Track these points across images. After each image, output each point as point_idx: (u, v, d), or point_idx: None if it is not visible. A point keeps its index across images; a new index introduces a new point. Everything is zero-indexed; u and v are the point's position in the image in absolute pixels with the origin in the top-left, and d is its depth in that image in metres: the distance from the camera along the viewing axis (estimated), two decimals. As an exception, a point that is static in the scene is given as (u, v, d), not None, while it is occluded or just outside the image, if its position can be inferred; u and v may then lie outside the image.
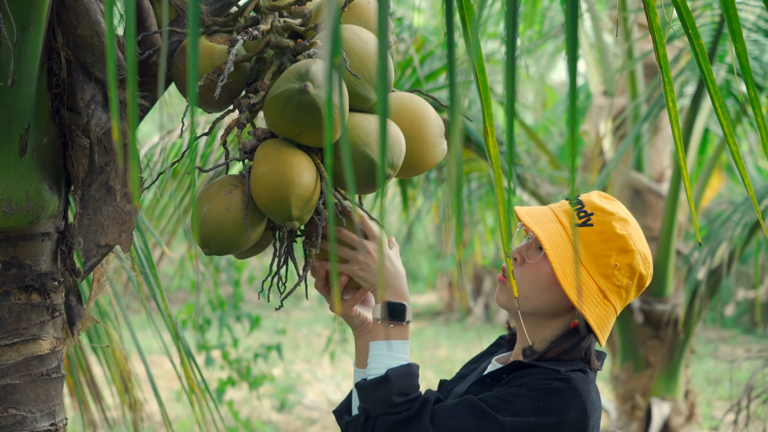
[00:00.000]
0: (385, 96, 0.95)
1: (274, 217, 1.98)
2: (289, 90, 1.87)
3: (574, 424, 2.06)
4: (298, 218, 1.96)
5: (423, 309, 15.93)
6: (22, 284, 2.00)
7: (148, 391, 6.37)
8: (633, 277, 2.14)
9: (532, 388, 2.07)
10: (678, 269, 6.36)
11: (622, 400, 6.44)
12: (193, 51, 0.96)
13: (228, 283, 7.85)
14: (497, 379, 2.20)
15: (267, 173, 1.94)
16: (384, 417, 2.04)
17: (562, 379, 2.08)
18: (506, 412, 2.03)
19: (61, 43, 1.92)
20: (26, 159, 1.92)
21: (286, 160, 1.94)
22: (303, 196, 1.94)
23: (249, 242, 2.03)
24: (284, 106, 1.88)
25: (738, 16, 1.37)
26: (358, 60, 1.96)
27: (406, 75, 4.95)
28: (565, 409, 2.05)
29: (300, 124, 1.90)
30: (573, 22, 0.95)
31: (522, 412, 2.03)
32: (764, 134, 1.41)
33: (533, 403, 2.04)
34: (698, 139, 6.38)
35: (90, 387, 3.87)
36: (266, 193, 1.95)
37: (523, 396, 2.06)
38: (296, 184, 1.93)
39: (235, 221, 1.98)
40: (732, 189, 11.87)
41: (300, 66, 1.88)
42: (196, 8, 0.97)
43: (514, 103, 0.97)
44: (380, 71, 0.96)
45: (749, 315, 13.33)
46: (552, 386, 2.07)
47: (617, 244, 2.12)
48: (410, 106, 2.12)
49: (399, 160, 2.01)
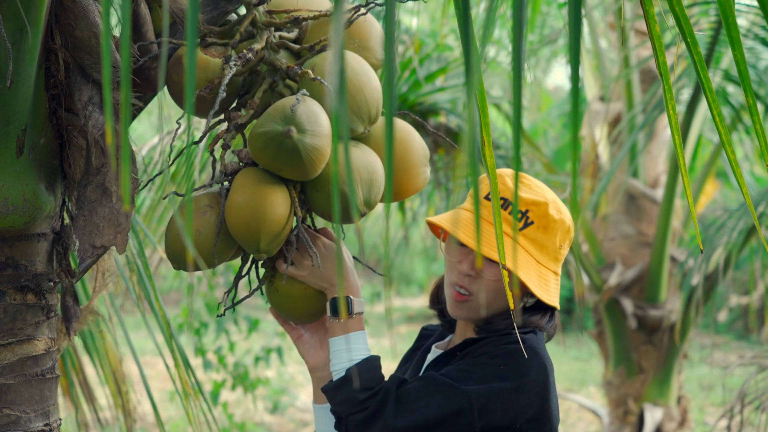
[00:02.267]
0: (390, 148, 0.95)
1: (243, 246, 2.05)
2: (273, 132, 1.90)
3: (536, 382, 2.12)
4: (266, 251, 2.02)
5: (416, 312, 15.93)
6: (17, 284, 2.00)
7: (142, 391, 6.36)
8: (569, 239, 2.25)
9: (490, 354, 2.13)
10: (672, 275, 6.36)
11: (615, 405, 6.45)
12: (191, 61, 0.96)
13: (225, 286, 7.84)
14: (451, 356, 2.25)
15: (242, 204, 1.99)
16: (353, 416, 2.08)
17: (517, 342, 2.13)
18: (470, 381, 2.08)
19: (59, 45, 1.92)
20: (23, 160, 1.92)
21: (261, 193, 1.99)
22: (273, 232, 2.00)
23: (217, 264, 2.08)
24: (267, 145, 1.93)
25: (737, 24, 1.37)
26: (348, 92, 1.98)
27: (403, 77, 4.95)
28: (525, 369, 2.11)
29: (281, 163, 1.95)
30: (576, 30, 0.96)
31: (485, 379, 2.08)
32: (762, 141, 1.42)
33: (495, 369, 2.10)
34: (693, 144, 6.39)
35: (83, 388, 3.87)
36: (238, 223, 2.00)
37: (484, 364, 2.11)
38: (268, 219, 1.98)
39: (206, 245, 2.04)
40: (726, 195, 11.89)
41: (286, 106, 1.90)
42: (195, 20, 0.97)
43: (520, 117, 0.97)
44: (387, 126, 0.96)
45: (743, 321, 13.34)
46: (509, 349, 2.13)
47: (560, 228, 2.20)
48: (396, 137, 2.14)
49: (376, 198, 2.06)
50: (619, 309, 6.32)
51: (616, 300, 6.31)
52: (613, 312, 6.36)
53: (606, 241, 6.53)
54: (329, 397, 2.12)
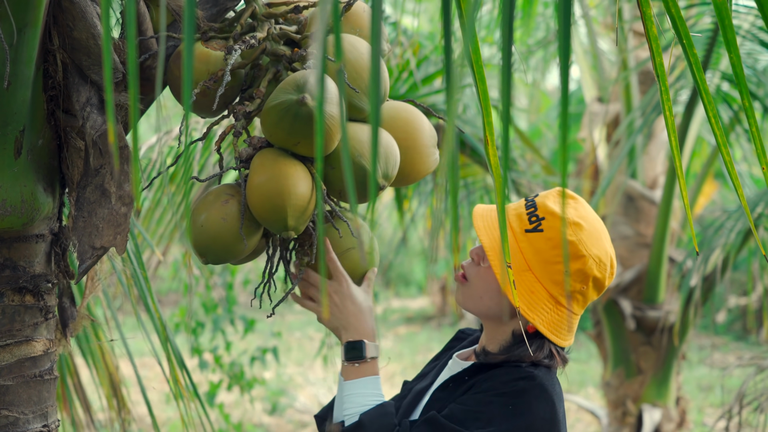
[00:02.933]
0: (377, 111, 0.95)
1: (270, 227, 2.00)
2: (287, 101, 1.87)
3: (545, 420, 2.07)
4: (294, 228, 1.97)
5: (415, 313, 15.92)
6: (15, 286, 2.00)
7: (139, 393, 6.36)
8: (586, 281, 2.12)
9: (498, 392, 2.07)
10: (670, 276, 6.36)
11: (614, 406, 6.45)
12: (189, 57, 0.96)
13: (221, 286, 7.85)
14: (459, 382, 2.20)
15: (263, 183, 1.95)
16: None
17: (526, 377, 2.08)
18: (477, 423, 2.03)
19: (57, 46, 1.92)
20: (21, 161, 1.92)
21: (282, 170, 1.95)
22: (299, 206, 1.95)
23: (245, 251, 2.05)
24: (282, 116, 1.89)
25: (733, 26, 1.38)
26: (353, 70, 1.97)
27: (402, 78, 4.95)
28: (534, 409, 2.06)
29: (297, 135, 1.91)
30: (566, 30, 0.96)
31: (493, 421, 2.03)
32: (758, 144, 1.42)
33: (502, 409, 2.04)
34: (691, 146, 6.39)
35: (78, 390, 3.86)
36: (262, 202, 1.96)
37: (490, 403, 2.06)
38: (292, 194, 1.94)
39: (232, 231, 2.00)
40: (725, 196, 11.89)
41: (298, 77, 1.89)
42: (192, 14, 0.97)
43: (509, 108, 0.98)
44: (372, 86, 0.96)
45: (741, 322, 13.34)
46: (517, 387, 2.07)
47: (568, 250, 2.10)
48: (404, 117, 2.12)
49: (393, 171, 2.02)
50: (617, 310, 6.32)
51: (614, 301, 6.31)
52: (611, 313, 6.36)
53: (604, 242, 6.52)
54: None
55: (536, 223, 2.11)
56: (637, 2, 1.51)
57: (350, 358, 2.15)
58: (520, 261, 2.11)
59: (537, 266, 2.10)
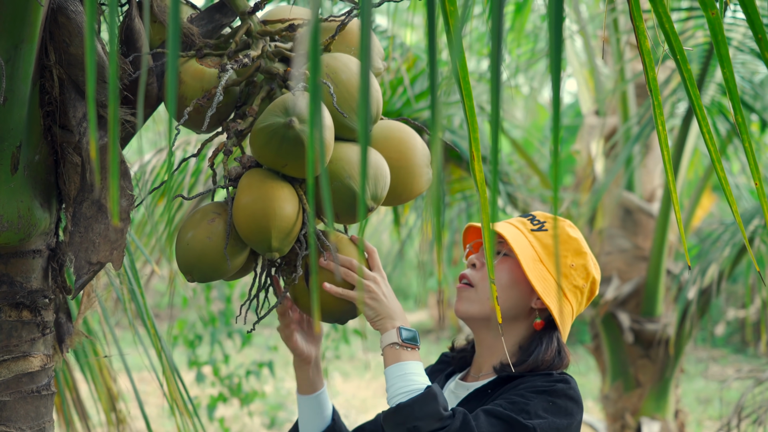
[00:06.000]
0: (366, 132, 0.96)
1: (255, 247, 2.02)
2: (275, 124, 1.89)
3: (579, 423, 2.14)
4: (278, 249, 1.99)
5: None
6: (12, 301, 2.00)
7: (137, 408, 6.35)
8: (587, 278, 2.27)
9: (536, 390, 2.12)
10: (668, 289, 6.37)
11: (612, 419, 6.44)
12: (173, 70, 0.97)
13: (219, 299, 7.84)
14: (482, 395, 2.22)
15: (249, 203, 1.97)
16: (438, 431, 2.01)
17: (562, 380, 2.15)
18: (524, 414, 2.06)
19: (53, 62, 1.93)
20: (18, 176, 1.92)
21: (268, 191, 1.97)
22: (284, 228, 1.97)
23: (231, 270, 2.05)
24: (270, 139, 1.90)
25: (726, 42, 1.38)
26: (345, 90, 1.98)
27: (397, 93, 4.96)
28: (572, 411, 2.12)
29: (285, 157, 1.92)
30: (557, 43, 0.96)
31: (538, 413, 2.06)
32: (752, 160, 1.43)
33: (545, 404, 2.09)
34: (689, 158, 6.40)
35: (76, 405, 3.86)
36: (247, 223, 1.98)
37: (532, 398, 2.09)
38: (277, 215, 1.96)
39: (217, 250, 2.01)
40: (723, 208, 11.90)
41: (287, 99, 1.90)
42: (177, 31, 0.98)
43: (499, 123, 0.98)
44: (362, 107, 0.97)
45: (740, 335, 13.34)
46: (556, 388, 2.12)
47: (572, 246, 2.25)
48: (397, 136, 2.13)
49: (382, 193, 2.03)
50: (615, 323, 6.32)
51: (612, 314, 6.31)
52: (609, 326, 6.36)
53: (602, 255, 6.53)
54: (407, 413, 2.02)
55: (539, 225, 2.26)
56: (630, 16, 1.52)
57: (409, 342, 2.15)
58: (532, 252, 2.21)
59: (547, 259, 2.21)
